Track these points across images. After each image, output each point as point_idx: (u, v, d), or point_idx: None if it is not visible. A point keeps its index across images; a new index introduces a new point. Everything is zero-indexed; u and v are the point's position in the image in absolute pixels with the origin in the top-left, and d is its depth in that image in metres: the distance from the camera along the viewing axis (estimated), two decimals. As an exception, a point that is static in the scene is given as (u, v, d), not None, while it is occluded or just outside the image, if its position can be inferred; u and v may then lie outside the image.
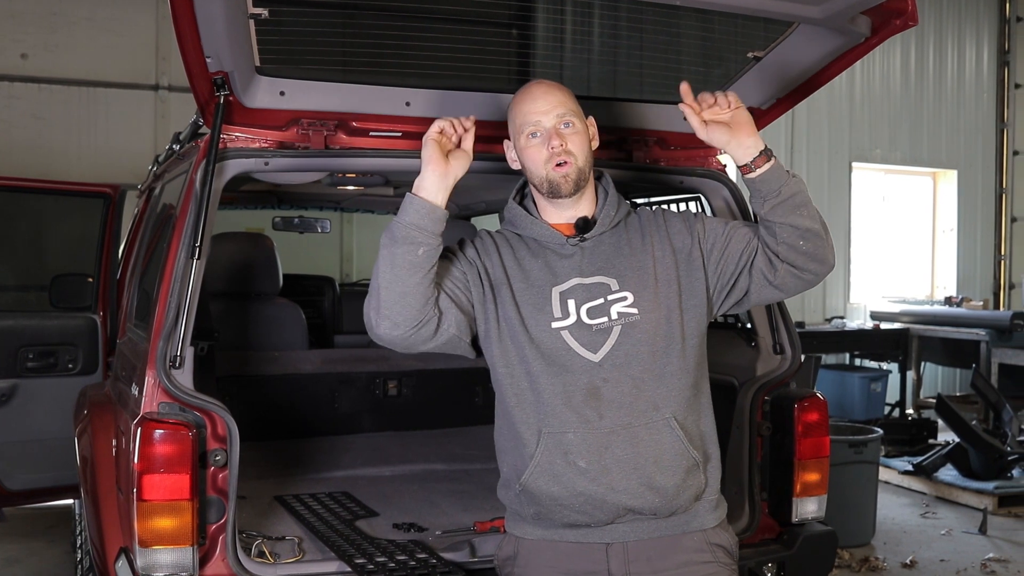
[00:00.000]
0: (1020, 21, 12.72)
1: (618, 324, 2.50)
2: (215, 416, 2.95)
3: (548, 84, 2.63)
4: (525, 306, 2.54)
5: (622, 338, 2.50)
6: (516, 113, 2.62)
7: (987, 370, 9.37)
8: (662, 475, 2.47)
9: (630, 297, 2.53)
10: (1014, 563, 6.12)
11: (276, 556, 3.19)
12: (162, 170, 4.51)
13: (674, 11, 3.67)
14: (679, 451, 2.49)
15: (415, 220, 2.42)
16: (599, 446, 2.46)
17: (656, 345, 2.51)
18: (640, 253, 2.60)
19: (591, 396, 2.47)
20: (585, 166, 2.58)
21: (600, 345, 2.49)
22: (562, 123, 2.56)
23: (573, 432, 2.46)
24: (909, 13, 2.95)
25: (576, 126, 2.58)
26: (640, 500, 2.47)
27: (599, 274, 2.55)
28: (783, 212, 2.47)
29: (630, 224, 2.67)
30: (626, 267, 2.57)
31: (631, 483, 2.46)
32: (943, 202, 12.62)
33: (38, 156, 8.39)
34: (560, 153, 2.54)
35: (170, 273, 3.04)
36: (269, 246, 5.02)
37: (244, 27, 2.89)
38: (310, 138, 3.32)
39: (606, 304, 2.52)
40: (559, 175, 2.55)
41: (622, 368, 2.48)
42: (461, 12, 3.74)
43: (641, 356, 2.49)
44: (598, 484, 2.45)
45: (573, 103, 2.60)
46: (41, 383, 5.06)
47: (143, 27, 8.82)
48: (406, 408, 5.13)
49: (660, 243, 2.62)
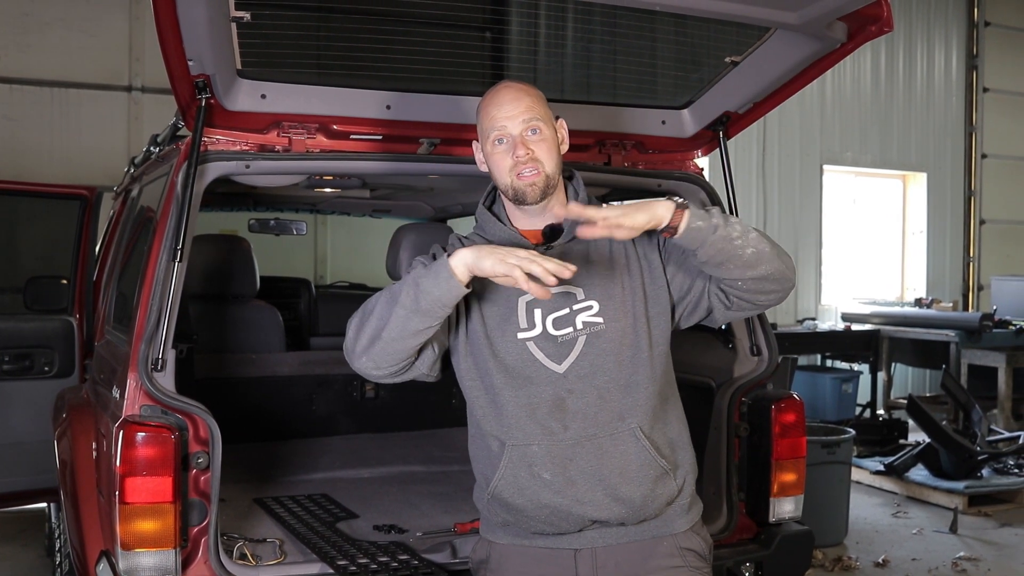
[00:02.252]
0: (988, 26, 12.85)
1: (583, 334, 2.47)
2: (197, 419, 2.95)
3: (516, 88, 2.54)
4: (491, 317, 2.50)
5: (587, 348, 2.46)
6: (483, 117, 2.55)
7: (956, 371, 9.47)
8: (628, 486, 2.44)
9: (595, 306, 2.48)
10: (984, 561, 6.19)
11: (258, 558, 3.19)
12: (140, 172, 4.49)
13: (652, 16, 3.71)
14: (645, 461, 2.45)
15: (445, 298, 2.29)
16: (563, 458, 2.43)
17: (622, 355, 2.47)
18: (607, 260, 2.55)
19: (556, 408, 2.44)
20: (553, 173, 2.51)
21: (565, 356, 2.46)
22: (528, 129, 2.48)
23: (537, 444, 2.44)
24: (885, 19, 2.99)
25: (543, 132, 2.50)
26: (606, 512, 2.45)
27: (565, 283, 2.40)
28: (714, 266, 2.37)
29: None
30: (593, 275, 2.52)
31: (596, 495, 2.43)
32: (913, 204, 12.73)
33: (10, 157, 8.32)
34: (526, 162, 2.47)
35: (151, 276, 3.04)
36: (246, 248, 5.01)
37: (226, 30, 2.90)
38: (291, 141, 3.33)
39: (572, 314, 2.48)
40: (525, 184, 2.48)
41: (587, 379, 2.45)
42: (440, 16, 3.76)
43: (606, 366, 2.46)
44: (563, 496, 2.43)
45: (541, 107, 2.53)
46: (16, 386, 5.03)
47: (116, 28, 8.77)
48: (383, 410, 5.13)
49: (627, 249, 2.57)
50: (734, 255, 2.33)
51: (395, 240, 4.99)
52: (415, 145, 3.47)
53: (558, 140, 2.56)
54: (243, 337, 4.94)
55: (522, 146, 2.47)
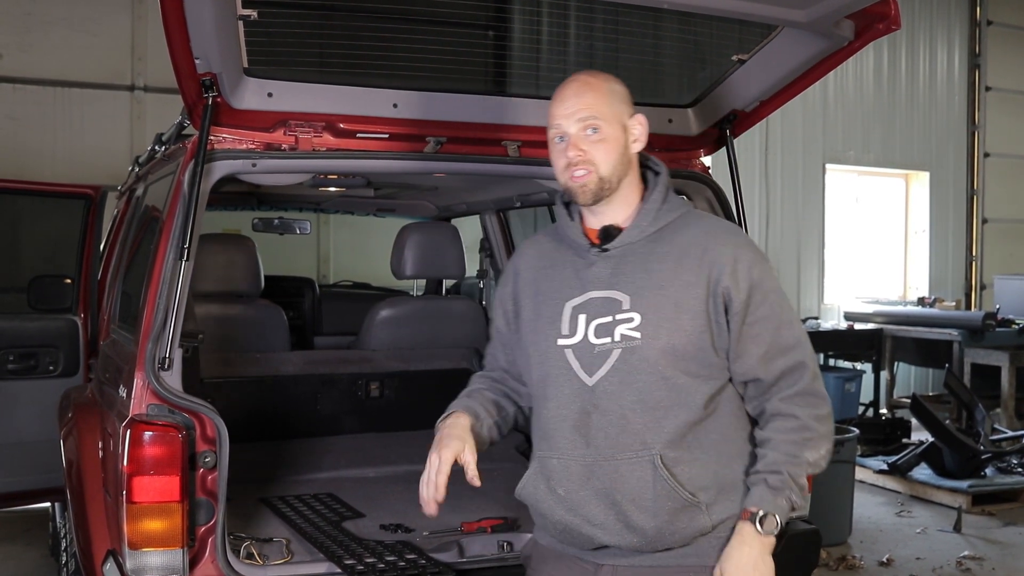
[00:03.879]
0: (991, 24, 12.85)
1: (618, 347, 2.33)
2: (204, 418, 2.95)
3: (582, 83, 2.44)
4: (538, 320, 2.47)
5: (619, 363, 2.33)
6: (548, 112, 2.47)
7: (959, 370, 9.46)
8: (640, 515, 2.31)
9: (636, 319, 2.34)
10: (988, 560, 6.19)
11: (265, 558, 3.19)
12: (145, 171, 4.49)
13: (657, 13, 3.70)
14: (663, 491, 2.30)
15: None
16: (580, 476, 2.35)
17: (653, 375, 2.32)
18: (667, 272, 2.38)
19: (582, 422, 2.36)
20: (610, 175, 2.40)
21: (597, 368, 2.35)
22: (586, 128, 2.38)
23: (558, 458, 2.39)
24: (892, 17, 2.99)
25: (603, 131, 2.38)
26: (616, 538, 2.34)
27: (615, 288, 2.37)
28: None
29: (674, 236, 2.43)
30: (645, 285, 2.37)
31: (608, 519, 2.34)
32: (915, 203, 12.73)
33: (13, 157, 8.32)
34: (577, 163, 2.39)
35: (158, 275, 3.03)
36: (251, 247, 5.00)
37: (233, 28, 2.90)
38: (297, 139, 3.32)
39: (613, 323, 2.36)
40: (576, 185, 2.41)
41: (613, 396, 2.33)
42: (447, 15, 3.76)
43: (636, 385, 2.32)
44: (574, 515, 2.37)
45: (604, 105, 2.40)
46: (21, 385, 5.03)
47: (119, 27, 8.76)
48: (388, 409, 5.11)
49: (696, 268, 2.37)
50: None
51: (399, 239, 5.00)
52: (421, 144, 3.46)
53: (625, 140, 2.43)
54: (248, 336, 4.92)
55: (574, 147, 2.39)
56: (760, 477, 2.33)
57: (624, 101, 2.46)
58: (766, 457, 2.35)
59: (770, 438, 2.36)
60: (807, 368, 2.40)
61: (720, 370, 2.39)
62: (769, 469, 2.33)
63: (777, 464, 2.32)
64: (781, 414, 2.37)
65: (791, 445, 2.34)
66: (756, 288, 2.37)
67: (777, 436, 2.35)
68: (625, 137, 2.43)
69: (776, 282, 2.45)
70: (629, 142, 2.45)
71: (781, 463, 2.32)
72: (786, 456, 2.33)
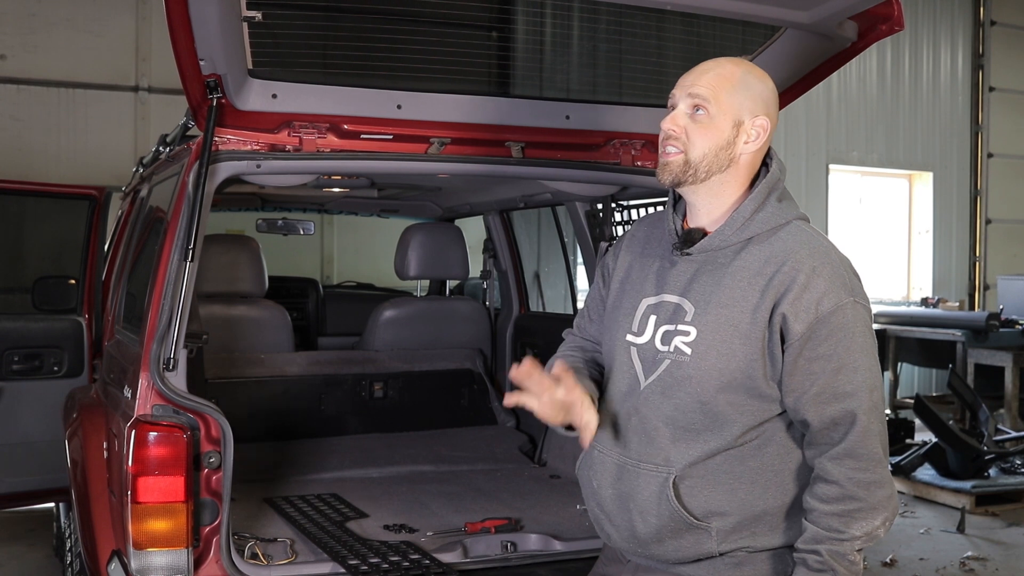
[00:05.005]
0: (994, 25, 12.84)
1: (669, 358, 2.23)
2: (209, 418, 2.96)
3: (715, 61, 2.26)
4: (617, 310, 2.40)
5: (665, 374, 2.23)
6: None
7: (963, 370, 9.46)
8: (645, 527, 2.26)
9: (692, 334, 2.20)
10: (992, 561, 6.18)
11: (269, 558, 3.20)
12: (149, 172, 4.49)
13: (660, 15, 3.71)
14: (668, 513, 2.22)
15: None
16: (612, 475, 2.32)
17: (691, 397, 2.19)
18: (737, 290, 2.19)
19: (625, 423, 2.31)
20: (698, 162, 2.21)
21: (650, 373, 2.26)
22: (694, 108, 2.22)
23: (599, 450, 2.35)
24: (895, 18, 2.99)
25: (709, 113, 2.20)
26: (624, 543, 2.34)
27: (687, 296, 2.24)
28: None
29: (760, 248, 2.23)
30: (712, 299, 2.20)
31: (620, 521, 2.32)
32: (919, 204, 12.73)
33: (17, 157, 8.34)
34: (670, 138, 2.23)
35: (163, 276, 3.04)
36: (255, 248, 5.01)
37: (238, 30, 2.90)
38: (302, 141, 3.33)
39: (674, 332, 2.24)
40: (662, 160, 2.25)
41: (652, 406, 2.25)
42: (451, 16, 3.77)
43: (673, 400, 2.22)
44: (601, 510, 2.37)
45: (724, 92, 2.21)
46: (26, 386, 5.03)
47: (123, 28, 8.78)
48: (392, 410, 5.13)
49: (764, 288, 2.17)
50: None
51: (403, 240, 5.01)
52: (425, 145, 3.47)
53: (732, 135, 2.23)
54: (252, 337, 4.94)
55: (670, 119, 2.23)
56: (800, 556, 2.16)
57: (754, 99, 2.24)
58: (807, 531, 2.15)
59: (812, 508, 2.15)
60: (858, 423, 2.11)
61: (770, 402, 2.19)
62: (808, 548, 2.14)
63: (817, 541, 2.13)
64: (823, 479, 2.15)
65: (832, 519, 2.12)
66: (822, 323, 2.13)
67: (819, 507, 2.14)
68: (734, 133, 2.22)
69: (856, 321, 2.19)
70: (739, 140, 2.23)
71: (822, 541, 2.12)
72: (827, 532, 2.12)
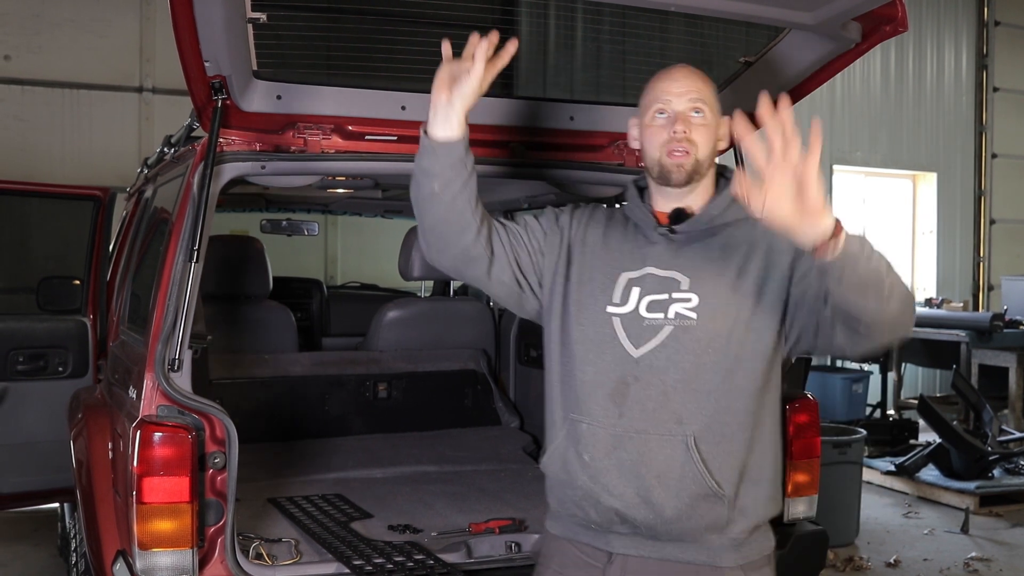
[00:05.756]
0: (998, 25, 12.83)
1: (671, 324, 2.34)
2: (213, 419, 2.96)
3: (692, 69, 2.46)
4: (586, 284, 2.45)
5: (669, 340, 2.33)
6: (650, 89, 2.45)
7: (967, 371, 9.44)
8: (661, 492, 2.29)
9: (694, 300, 2.34)
10: (996, 562, 6.18)
11: (274, 558, 3.20)
12: (153, 173, 4.50)
13: (664, 16, 3.71)
14: (690, 474, 2.28)
15: (422, 161, 2.35)
16: (608, 445, 2.33)
17: (703, 358, 2.31)
18: (728, 260, 2.39)
19: (618, 391, 2.34)
20: (704, 160, 2.41)
21: (645, 342, 2.34)
22: (693, 109, 2.39)
23: (588, 424, 2.36)
24: (899, 19, 2.99)
25: (707, 116, 2.40)
26: (635, 512, 2.32)
27: (675, 269, 2.38)
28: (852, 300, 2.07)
29: (736, 232, 2.43)
30: (706, 270, 2.38)
31: (627, 491, 2.31)
32: (923, 204, 12.72)
33: (21, 158, 8.36)
34: (681, 139, 2.37)
35: (168, 276, 3.05)
36: (259, 249, 5.02)
37: (242, 31, 2.91)
38: (306, 142, 3.34)
39: (668, 300, 2.36)
40: (672, 163, 2.39)
41: (657, 372, 2.32)
42: (455, 17, 3.77)
43: (683, 364, 2.31)
44: (595, 483, 2.34)
45: (710, 95, 2.44)
46: (31, 386, 5.03)
47: (127, 29, 8.80)
48: (396, 410, 5.13)
49: (758, 256, 2.38)
50: (875, 285, 2.06)
51: (407, 241, 5.01)
52: (429, 145, 3.47)
53: (718, 134, 2.46)
54: (256, 337, 4.94)
55: (681, 122, 2.38)
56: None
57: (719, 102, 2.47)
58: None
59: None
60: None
61: (773, 361, 2.37)
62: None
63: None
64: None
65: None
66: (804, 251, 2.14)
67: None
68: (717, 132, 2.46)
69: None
70: (720, 139, 2.47)
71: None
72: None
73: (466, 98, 2.32)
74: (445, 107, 2.32)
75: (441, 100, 2.32)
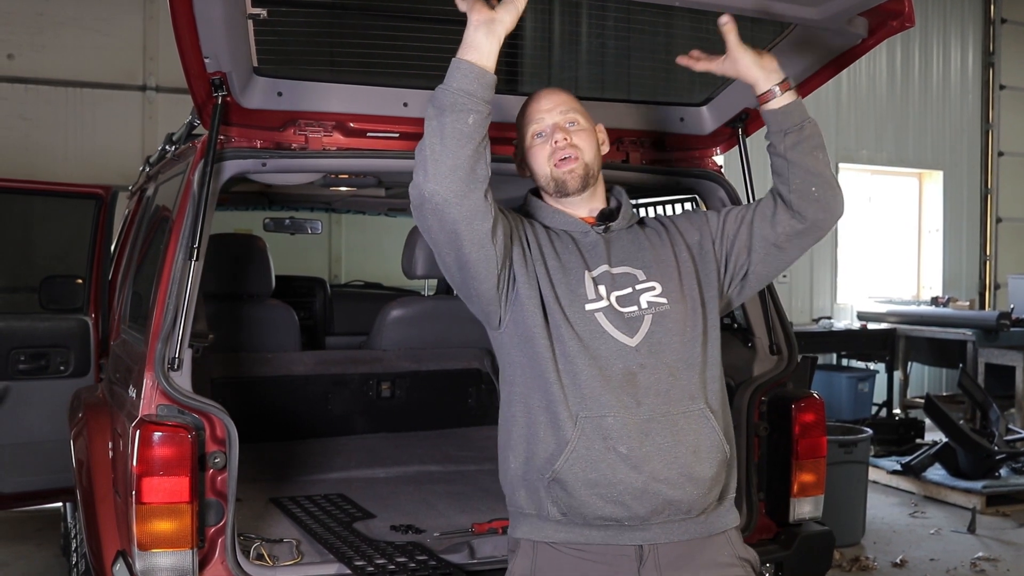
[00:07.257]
0: (1005, 23, 12.79)
1: (649, 313, 2.47)
2: (214, 418, 2.94)
3: (553, 89, 2.64)
4: (559, 285, 2.47)
5: (654, 327, 2.46)
6: (522, 117, 2.62)
7: (974, 370, 9.41)
8: (700, 465, 2.39)
9: (658, 287, 2.51)
10: (1003, 562, 6.15)
11: (275, 558, 3.18)
12: (155, 171, 4.49)
13: (668, 12, 3.68)
14: (715, 443, 2.43)
15: (463, 85, 2.21)
16: (639, 433, 2.35)
17: (686, 335, 2.48)
18: (660, 248, 2.60)
19: (627, 382, 2.39)
20: (592, 163, 2.58)
21: (635, 331, 2.44)
22: (567, 121, 2.56)
23: (613, 416, 2.35)
24: (906, 15, 2.96)
25: (581, 124, 2.57)
26: (680, 491, 2.36)
27: (625, 264, 2.53)
28: (802, 152, 2.57)
29: (644, 227, 2.69)
30: (650, 260, 2.56)
31: (672, 473, 2.35)
32: (929, 202, 12.67)
33: (24, 157, 8.34)
34: (564, 147, 2.53)
35: (168, 275, 3.03)
36: (262, 247, 5.00)
37: (243, 27, 2.88)
38: (307, 139, 3.31)
39: (635, 293, 2.49)
40: (564, 171, 2.54)
41: (658, 355, 2.43)
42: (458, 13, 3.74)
43: (673, 345, 2.45)
44: (639, 472, 2.33)
45: (578, 105, 2.62)
46: (32, 385, 5.02)
47: (130, 27, 8.78)
48: (399, 410, 5.12)
49: (675, 240, 2.63)
50: (820, 145, 2.62)
51: (411, 239, 4.99)
52: (432, 143, 3.44)
53: (598, 139, 2.64)
54: (258, 336, 4.93)
55: (560, 130, 2.54)
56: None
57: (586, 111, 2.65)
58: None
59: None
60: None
61: (717, 323, 2.60)
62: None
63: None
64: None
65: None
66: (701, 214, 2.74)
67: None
68: (596, 137, 2.63)
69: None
70: (599, 143, 2.64)
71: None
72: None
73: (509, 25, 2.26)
74: (489, 32, 2.23)
75: (484, 20, 2.23)
